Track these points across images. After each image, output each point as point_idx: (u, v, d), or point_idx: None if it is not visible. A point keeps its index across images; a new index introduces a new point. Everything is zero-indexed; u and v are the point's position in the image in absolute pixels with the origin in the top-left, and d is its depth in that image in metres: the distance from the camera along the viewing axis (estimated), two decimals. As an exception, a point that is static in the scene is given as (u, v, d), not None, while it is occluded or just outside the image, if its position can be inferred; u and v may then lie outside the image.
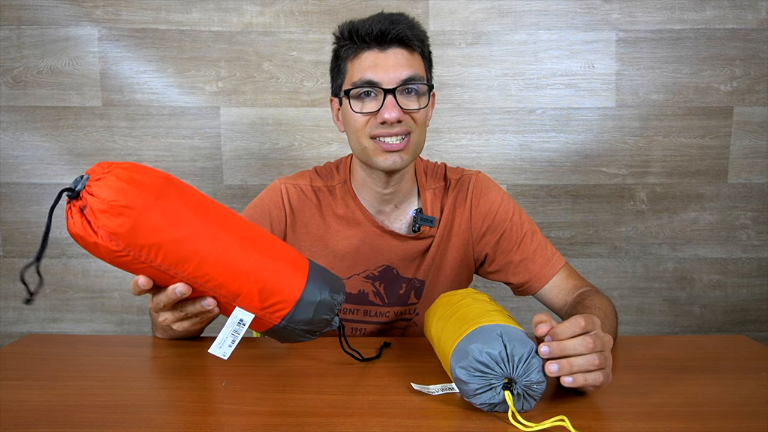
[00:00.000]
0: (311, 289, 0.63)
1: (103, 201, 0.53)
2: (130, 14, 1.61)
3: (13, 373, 0.75)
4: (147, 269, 0.57)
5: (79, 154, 1.66)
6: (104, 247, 0.54)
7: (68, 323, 1.72)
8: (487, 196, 1.00)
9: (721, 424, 0.60)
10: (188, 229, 0.57)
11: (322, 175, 1.03)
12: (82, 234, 0.54)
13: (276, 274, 0.61)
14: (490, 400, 0.59)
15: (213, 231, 0.58)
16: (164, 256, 0.56)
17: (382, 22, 0.87)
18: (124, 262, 0.56)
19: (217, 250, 0.58)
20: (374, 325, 1.01)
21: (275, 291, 0.61)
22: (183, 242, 0.56)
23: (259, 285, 0.60)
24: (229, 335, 0.62)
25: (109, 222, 0.53)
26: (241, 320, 0.62)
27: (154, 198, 0.55)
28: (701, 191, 1.68)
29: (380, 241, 0.98)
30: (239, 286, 0.60)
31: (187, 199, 0.58)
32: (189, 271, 0.57)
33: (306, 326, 0.64)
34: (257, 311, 0.62)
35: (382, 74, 0.86)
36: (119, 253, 0.55)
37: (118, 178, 0.54)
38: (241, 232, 0.61)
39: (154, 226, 0.55)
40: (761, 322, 1.71)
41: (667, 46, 1.63)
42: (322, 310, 0.64)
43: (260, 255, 0.61)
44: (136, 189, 0.54)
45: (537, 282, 0.97)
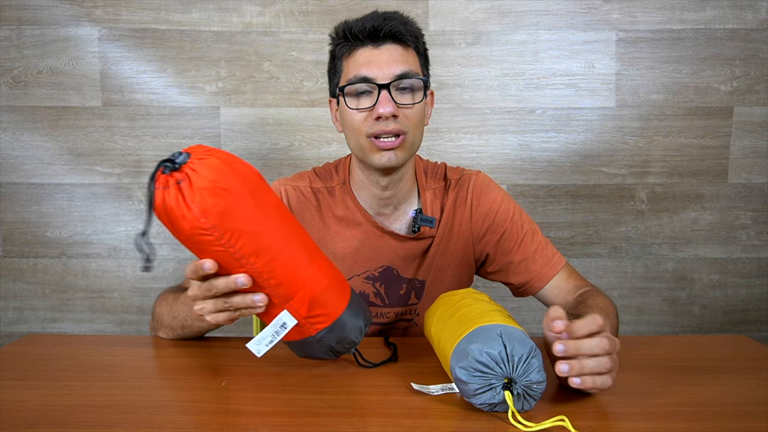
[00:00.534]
0: (351, 311, 0.67)
1: (206, 179, 0.56)
2: (130, 14, 1.61)
3: (13, 373, 0.75)
4: (221, 253, 0.58)
5: (79, 154, 1.66)
6: (191, 222, 0.56)
7: (68, 323, 1.71)
8: (488, 195, 1.00)
9: (721, 424, 0.60)
10: (270, 225, 0.60)
11: (321, 176, 1.03)
12: (173, 205, 0.56)
13: (328, 289, 0.65)
14: (490, 400, 0.59)
15: (289, 233, 0.62)
16: (243, 243, 0.58)
17: (375, 19, 0.88)
18: (201, 241, 0.58)
19: (288, 251, 0.61)
20: (375, 326, 1.01)
21: (323, 304, 0.64)
22: (262, 235, 0.59)
23: (312, 294, 0.63)
24: (270, 335, 0.64)
25: (207, 199, 0.55)
26: (284, 324, 0.64)
27: (249, 189, 0.58)
28: (701, 191, 1.68)
29: (380, 241, 0.98)
30: (295, 291, 0.63)
31: (272, 199, 0.62)
32: (260, 264, 0.60)
33: (336, 343, 0.67)
34: (301, 318, 0.64)
35: (376, 70, 0.87)
36: (204, 231, 0.56)
37: (221, 162, 0.57)
38: (307, 243, 0.65)
39: (244, 214, 0.57)
40: (761, 322, 1.71)
41: (667, 46, 1.63)
42: (354, 332, 0.68)
43: (319, 268, 0.64)
44: (236, 176, 0.58)
45: (538, 282, 0.97)
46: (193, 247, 0.60)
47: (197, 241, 0.58)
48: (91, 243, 1.69)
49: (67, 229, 1.69)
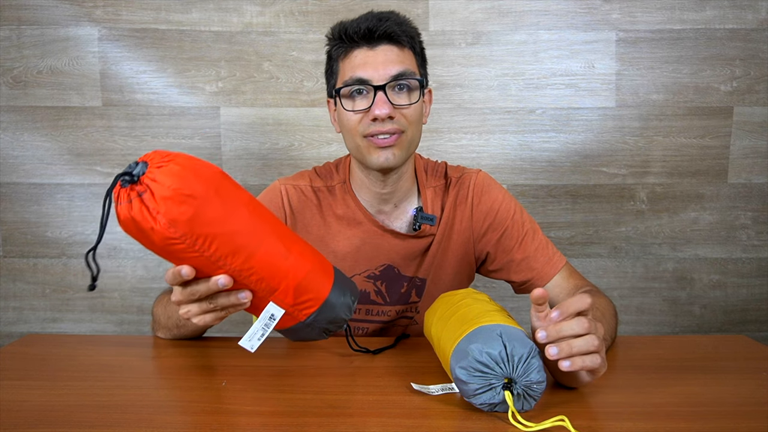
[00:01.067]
0: (337, 290, 0.67)
1: (168, 188, 0.53)
2: (130, 14, 1.61)
3: (13, 373, 0.75)
4: (196, 259, 0.57)
5: (79, 154, 1.66)
6: (160, 233, 0.54)
7: (68, 323, 1.72)
8: (489, 194, 1.00)
9: (721, 424, 0.60)
10: (241, 223, 0.58)
11: (322, 175, 1.03)
12: (138, 218, 0.54)
13: (310, 273, 0.64)
14: (490, 400, 0.59)
15: (261, 227, 0.61)
16: (217, 246, 0.57)
17: (370, 20, 0.87)
18: (174, 250, 0.56)
19: (264, 245, 0.60)
20: (376, 324, 1.01)
21: (308, 289, 0.64)
22: (236, 235, 0.58)
23: (296, 282, 0.63)
24: (260, 329, 0.64)
25: (171, 209, 0.53)
26: (272, 315, 0.63)
27: (214, 190, 0.56)
28: (701, 191, 1.68)
29: (381, 240, 0.98)
30: (278, 282, 0.62)
31: (239, 195, 0.60)
32: (237, 263, 0.59)
33: (327, 324, 0.67)
34: (288, 307, 0.64)
35: (372, 71, 0.87)
36: (174, 240, 0.55)
37: (181, 167, 0.55)
38: (282, 232, 0.64)
39: (213, 217, 0.56)
40: (761, 322, 1.71)
41: (667, 46, 1.63)
42: (343, 310, 0.67)
43: (298, 254, 0.63)
44: (198, 179, 0.55)
45: (539, 281, 0.97)
46: (168, 256, 0.58)
47: (171, 251, 0.56)
48: (91, 243, 1.68)
49: (67, 229, 1.69)
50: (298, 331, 0.67)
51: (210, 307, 0.63)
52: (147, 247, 0.57)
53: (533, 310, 0.64)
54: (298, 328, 0.66)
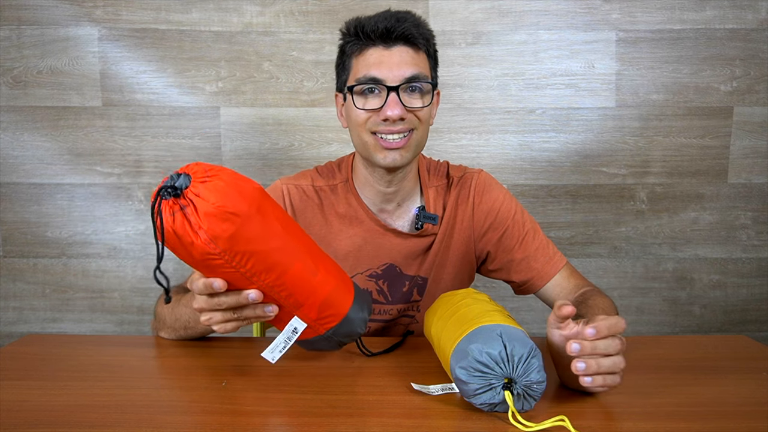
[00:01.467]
0: (356, 306, 0.68)
1: (212, 204, 0.54)
2: (130, 14, 1.61)
3: (13, 373, 0.75)
4: (232, 274, 0.58)
5: (79, 154, 1.66)
6: (201, 248, 0.55)
7: (68, 323, 1.71)
8: (490, 193, 1.01)
9: (721, 424, 0.60)
10: (278, 241, 0.59)
11: (324, 174, 1.03)
12: (180, 232, 0.54)
13: (335, 290, 0.66)
14: (490, 400, 0.59)
15: (296, 245, 0.62)
16: (254, 263, 0.58)
17: (388, 20, 0.87)
18: (211, 265, 0.57)
19: (296, 263, 0.61)
20: (378, 323, 1.01)
21: (331, 305, 0.66)
22: (272, 253, 0.59)
23: (322, 299, 0.64)
24: (283, 341, 0.65)
25: (214, 226, 0.54)
26: (296, 329, 0.65)
27: (255, 209, 0.57)
28: (701, 191, 1.68)
29: (383, 239, 0.98)
30: (306, 298, 0.63)
31: (276, 212, 0.61)
32: (270, 280, 0.60)
33: (344, 337, 0.69)
34: (311, 321, 0.65)
35: (387, 72, 0.87)
36: (213, 255, 0.55)
37: (226, 184, 0.55)
38: (312, 248, 0.65)
39: (253, 235, 0.57)
40: (761, 322, 1.71)
41: (667, 46, 1.63)
42: (360, 325, 0.69)
43: (326, 272, 0.65)
44: (242, 198, 0.56)
45: (539, 280, 0.97)
46: (202, 269, 0.59)
47: (208, 265, 0.57)
48: (91, 243, 1.69)
49: (67, 229, 1.69)
50: (314, 343, 0.69)
51: (234, 317, 0.64)
52: (182, 259, 0.58)
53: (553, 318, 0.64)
54: (315, 341, 0.68)
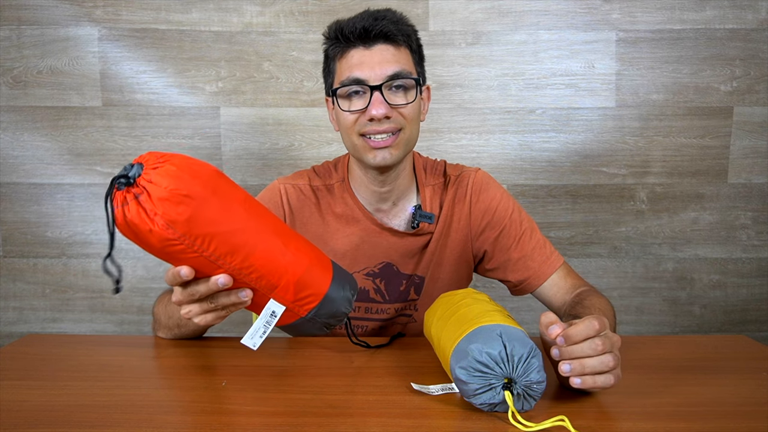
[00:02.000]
0: (336, 284, 0.67)
1: (165, 189, 0.53)
2: (130, 14, 1.61)
3: (13, 373, 0.75)
4: (196, 259, 0.57)
5: (79, 154, 1.66)
6: (159, 234, 0.54)
7: (68, 323, 1.72)
8: (487, 192, 1.01)
9: (721, 424, 0.60)
10: (239, 221, 0.58)
11: (321, 174, 1.03)
12: (136, 221, 0.53)
13: (309, 268, 0.64)
14: (490, 400, 0.59)
15: (259, 225, 0.61)
16: (216, 246, 0.57)
17: (366, 20, 0.87)
18: (173, 251, 0.56)
19: (262, 243, 0.60)
20: (375, 322, 1.01)
21: (308, 285, 0.64)
22: (234, 234, 0.58)
23: (295, 278, 0.63)
24: (261, 326, 0.64)
25: (169, 210, 0.53)
26: (274, 312, 0.63)
27: (211, 189, 0.56)
28: (701, 191, 1.68)
29: (379, 238, 0.99)
30: (278, 279, 0.62)
31: (236, 193, 0.60)
32: (236, 262, 0.59)
33: (328, 318, 0.67)
34: (289, 303, 0.64)
35: (368, 71, 0.87)
36: (173, 241, 0.55)
37: (177, 168, 0.55)
38: (279, 228, 0.64)
39: (211, 216, 0.56)
40: (761, 322, 1.71)
41: (667, 46, 1.63)
42: (344, 304, 0.68)
43: (296, 250, 0.63)
44: (195, 179, 0.55)
45: (535, 280, 0.97)
46: (166, 258, 0.58)
47: (169, 252, 0.56)
48: (91, 243, 1.69)
49: (67, 229, 1.69)
50: (299, 327, 0.67)
51: (211, 306, 0.62)
52: (145, 250, 0.57)
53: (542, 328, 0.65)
54: (299, 324, 0.67)
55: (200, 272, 0.59)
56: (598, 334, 0.61)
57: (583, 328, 0.61)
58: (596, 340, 0.61)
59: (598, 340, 0.61)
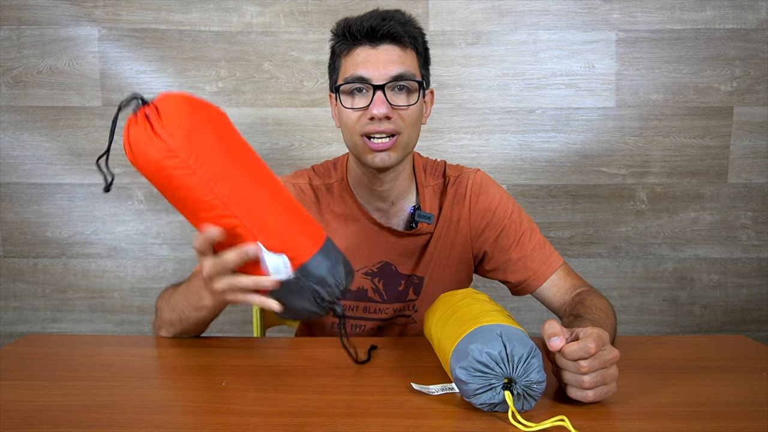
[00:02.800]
0: (328, 250, 0.66)
1: (173, 104, 0.59)
2: (130, 14, 1.61)
3: (13, 373, 0.75)
4: (187, 177, 0.59)
5: (79, 154, 1.66)
6: (158, 146, 0.58)
7: (68, 323, 1.71)
8: (486, 193, 1.01)
9: (721, 424, 0.60)
10: (233, 154, 0.62)
11: (320, 173, 1.03)
12: (142, 136, 0.58)
13: (299, 224, 0.65)
14: (490, 400, 0.59)
15: (252, 167, 0.64)
16: (210, 165, 0.60)
17: (374, 19, 0.87)
18: (168, 167, 0.59)
19: (255, 180, 0.63)
20: (373, 322, 1.01)
21: (296, 237, 0.64)
22: (227, 161, 0.61)
23: (284, 224, 0.64)
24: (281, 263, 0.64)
25: (174, 121, 0.58)
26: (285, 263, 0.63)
27: (211, 118, 0.62)
28: (701, 191, 1.68)
29: (378, 237, 0.99)
30: (266, 218, 0.63)
31: (235, 135, 0.65)
32: (226, 188, 0.60)
33: (317, 284, 0.65)
34: (277, 252, 0.63)
35: (372, 70, 0.87)
36: (171, 153, 0.58)
37: (187, 95, 0.61)
38: (275, 183, 0.66)
39: (208, 138, 0.60)
40: (761, 322, 1.71)
41: (667, 46, 1.63)
42: (334, 274, 0.66)
43: (289, 205, 0.65)
44: (200, 105, 0.61)
45: (535, 280, 0.97)
46: (159, 176, 0.60)
47: (165, 166, 0.59)
48: (91, 243, 1.69)
49: (67, 229, 1.69)
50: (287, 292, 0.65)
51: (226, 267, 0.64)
52: (142, 171, 0.61)
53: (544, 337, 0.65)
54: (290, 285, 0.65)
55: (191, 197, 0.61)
56: (590, 356, 0.61)
57: (577, 349, 0.61)
58: (581, 362, 0.61)
59: (584, 363, 0.61)
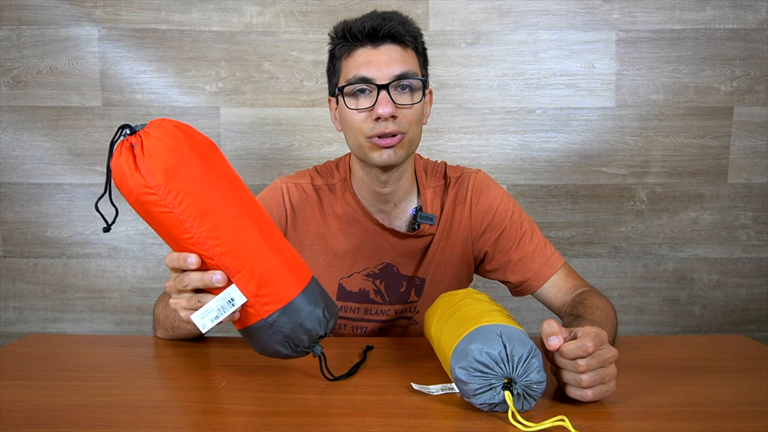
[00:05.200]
0: (307, 297, 0.64)
1: (156, 139, 0.58)
2: (130, 14, 1.61)
3: (13, 373, 0.75)
4: (165, 215, 0.59)
5: (79, 154, 1.66)
6: (137, 180, 0.58)
7: (68, 323, 1.71)
8: (487, 194, 1.01)
9: (721, 424, 0.60)
10: (217, 192, 0.60)
11: (323, 173, 1.03)
12: (122, 164, 0.58)
13: (281, 267, 0.62)
14: (490, 400, 0.59)
15: (238, 205, 0.61)
16: (188, 205, 0.58)
17: (374, 20, 0.88)
18: (146, 202, 0.58)
19: (236, 220, 0.61)
20: (375, 324, 1.01)
21: (274, 282, 0.62)
22: (208, 200, 0.59)
23: (262, 269, 0.61)
24: (215, 309, 0.61)
25: (153, 157, 0.57)
26: (233, 299, 0.61)
27: (198, 153, 0.60)
28: (701, 191, 1.68)
29: (380, 238, 0.99)
30: (242, 262, 0.60)
31: (224, 169, 0.62)
32: (204, 229, 0.59)
33: (291, 331, 0.63)
34: (251, 296, 0.61)
35: (375, 70, 0.87)
36: (148, 189, 0.58)
37: (175, 126, 0.60)
38: (261, 220, 0.63)
39: (190, 176, 0.58)
40: (761, 322, 1.71)
41: (667, 46, 1.63)
42: (311, 321, 0.63)
43: (270, 246, 0.62)
44: (186, 138, 0.59)
45: (536, 281, 0.97)
46: (140, 209, 0.60)
47: (143, 202, 0.59)
48: (91, 243, 1.69)
49: (67, 229, 1.69)
50: (259, 333, 0.63)
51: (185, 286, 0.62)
52: (125, 197, 0.60)
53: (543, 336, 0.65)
54: (258, 328, 0.63)
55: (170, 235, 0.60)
56: (588, 355, 0.61)
57: (575, 348, 0.62)
58: (579, 361, 0.61)
59: (581, 362, 0.61)
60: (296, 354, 0.66)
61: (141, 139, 0.58)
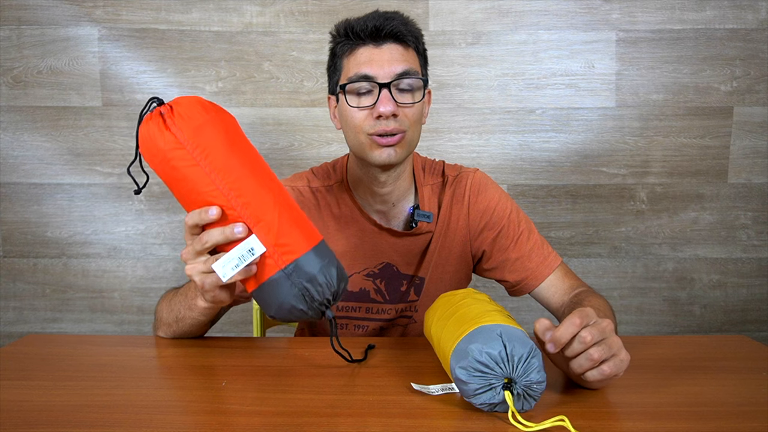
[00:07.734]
0: (322, 250, 0.67)
1: (186, 103, 0.64)
2: (130, 14, 1.61)
3: (13, 373, 0.75)
4: (191, 168, 0.63)
5: (79, 154, 1.66)
6: (169, 136, 0.63)
7: (68, 323, 1.72)
8: (485, 193, 1.01)
9: (721, 424, 0.60)
10: (239, 150, 0.65)
11: (319, 175, 1.03)
12: (154, 130, 0.63)
13: (295, 222, 0.66)
14: (490, 400, 0.59)
15: (257, 164, 0.67)
16: (213, 158, 0.63)
17: (376, 19, 0.88)
18: (174, 158, 0.63)
19: (254, 177, 0.65)
20: (375, 323, 1.01)
21: (291, 234, 0.65)
22: (231, 156, 0.64)
23: (280, 221, 0.64)
24: (236, 257, 0.63)
25: (183, 117, 0.63)
26: (252, 249, 0.63)
27: (221, 119, 0.66)
28: (701, 191, 1.68)
29: (379, 238, 0.99)
30: (263, 212, 0.64)
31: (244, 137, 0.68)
32: (228, 181, 0.63)
33: (308, 283, 0.64)
34: (270, 246, 0.63)
35: (377, 69, 0.87)
36: (179, 145, 0.63)
37: (201, 98, 0.66)
38: (276, 183, 0.68)
39: (215, 135, 0.64)
40: (761, 322, 1.71)
41: (667, 46, 1.63)
42: (324, 273, 0.66)
43: (286, 203, 0.66)
44: (212, 106, 0.66)
45: (533, 280, 0.97)
46: (165, 167, 0.64)
47: (171, 158, 0.63)
48: (91, 243, 1.69)
49: (67, 229, 1.69)
50: (277, 288, 0.64)
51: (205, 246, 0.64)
52: (150, 162, 0.65)
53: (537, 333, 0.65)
54: (276, 281, 0.64)
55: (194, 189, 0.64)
56: (581, 327, 0.61)
57: (566, 329, 0.61)
58: (582, 333, 0.61)
59: (585, 332, 0.61)
60: (311, 312, 0.66)
61: (171, 108, 0.63)
